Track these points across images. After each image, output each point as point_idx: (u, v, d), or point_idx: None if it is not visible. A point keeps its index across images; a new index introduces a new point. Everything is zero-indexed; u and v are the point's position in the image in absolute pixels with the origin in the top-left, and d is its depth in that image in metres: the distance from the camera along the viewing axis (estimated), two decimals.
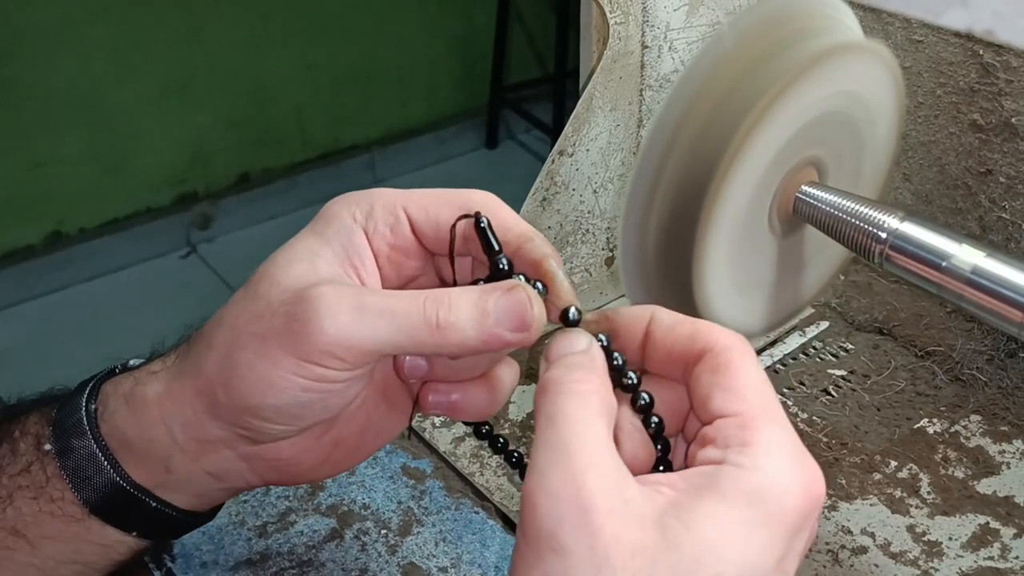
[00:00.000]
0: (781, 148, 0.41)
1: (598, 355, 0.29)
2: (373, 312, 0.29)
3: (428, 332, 0.29)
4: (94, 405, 0.34)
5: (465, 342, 0.29)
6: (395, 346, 0.30)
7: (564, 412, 0.27)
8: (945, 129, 0.57)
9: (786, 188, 0.43)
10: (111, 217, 2.30)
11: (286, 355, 0.30)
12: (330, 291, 0.29)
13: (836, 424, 0.60)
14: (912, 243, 0.38)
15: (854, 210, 0.40)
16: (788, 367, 0.66)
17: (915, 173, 0.62)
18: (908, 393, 0.63)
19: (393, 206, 0.33)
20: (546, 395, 0.28)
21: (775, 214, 0.43)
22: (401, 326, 0.29)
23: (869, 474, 0.56)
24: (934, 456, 0.58)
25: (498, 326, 0.29)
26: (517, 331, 0.29)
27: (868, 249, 0.40)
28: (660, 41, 0.61)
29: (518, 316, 0.29)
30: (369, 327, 0.29)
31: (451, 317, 0.29)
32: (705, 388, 0.28)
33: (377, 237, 0.33)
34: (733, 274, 0.42)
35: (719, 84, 0.39)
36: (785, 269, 0.46)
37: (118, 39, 2.14)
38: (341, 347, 0.29)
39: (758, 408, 0.27)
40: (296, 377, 0.30)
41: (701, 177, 0.39)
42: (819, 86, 0.40)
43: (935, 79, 0.55)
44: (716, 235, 0.40)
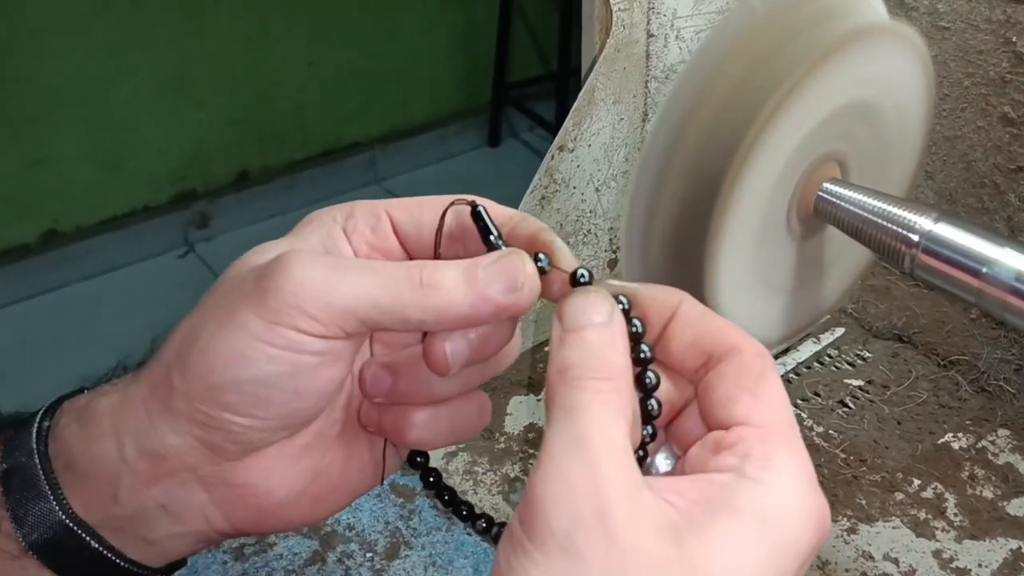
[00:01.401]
0: (801, 141, 0.37)
1: (620, 329, 0.26)
2: (351, 268, 0.27)
3: (411, 290, 0.26)
4: (48, 422, 0.30)
5: (452, 304, 0.27)
6: (374, 305, 0.27)
7: (584, 407, 0.24)
8: (972, 123, 0.53)
9: (806, 186, 0.39)
10: (108, 215, 2.27)
11: (252, 317, 0.26)
12: (305, 252, 0.27)
13: (854, 439, 0.56)
14: (947, 247, 0.35)
15: (882, 210, 0.37)
16: (802, 376, 0.62)
17: (938, 170, 0.58)
18: (930, 405, 0.59)
19: (375, 207, 0.31)
20: (565, 385, 0.25)
21: (794, 214, 0.39)
22: (382, 282, 0.27)
23: (891, 493, 0.53)
24: (960, 474, 0.54)
25: (488, 287, 0.27)
26: (509, 291, 0.27)
27: (897, 253, 0.36)
28: (666, 29, 0.57)
29: (509, 276, 0.27)
30: (346, 282, 0.26)
31: (437, 276, 0.27)
32: (730, 390, 0.26)
33: (356, 236, 0.30)
34: (747, 279, 0.39)
35: (731, 72, 0.35)
36: (804, 274, 0.42)
37: (117, 35, 2.11)
38: (314, 303, 0.26)
39: (784, 426, 0.25)
40: (262, 344, 0.26)
41: (713, 173, 0.35)
42: (843, 73, 0.36)
43: (963, 69, 0.51)
44: (729, 237, 0.36)
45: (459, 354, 0.28)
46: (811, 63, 0.35)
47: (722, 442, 0.25)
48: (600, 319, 0.26)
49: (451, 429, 0.31)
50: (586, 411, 0.24)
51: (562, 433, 0.24)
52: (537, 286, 0.27)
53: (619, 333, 0.26)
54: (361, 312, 0.27)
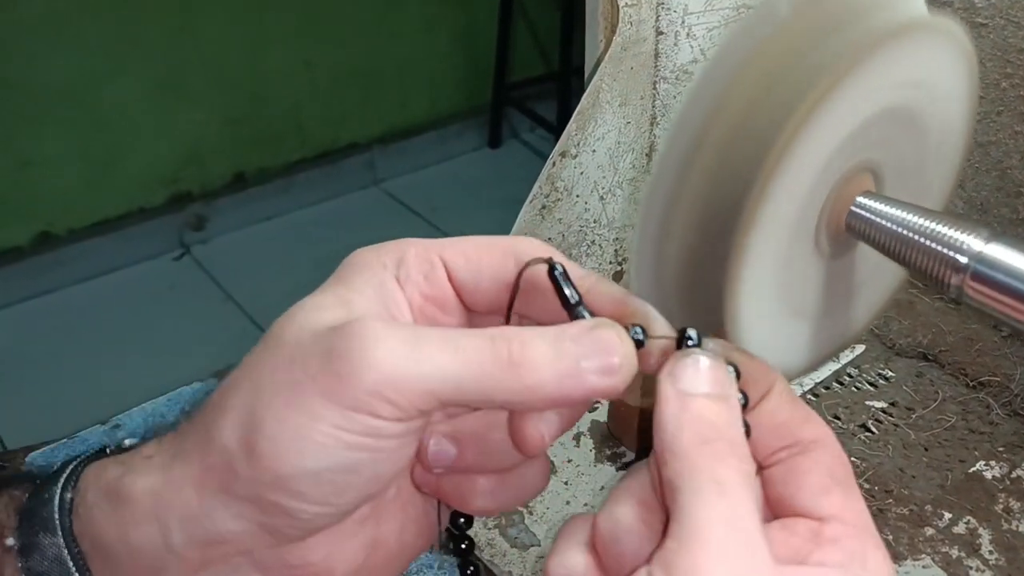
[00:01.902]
0: (834, 152, 0.33)
1: (737, 409, 0.25)
2: (432, 343, 0.25)
3: (499, 368, 0.24)
4: (70, 494, 0.27)
5: (542, 384, 0.25)
6: (457, 386, 0.25)
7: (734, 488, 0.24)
8: (1009, 127, 0.49)
9: (837, 200, 0.35)
10: (102, 217, 2.24)
11: (326, 403, 0.24)
12: (377, 322, 0.25)
13: (878, 467, 0.53)
14: (1002, 270, 0.31)
15: (924, 228, 0.33)
16: (820, 397, 0.58)
17: (969, 178, 0.54)
18: (960, 430, 0.55)
19: (428, 252, 0.29)
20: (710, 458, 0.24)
21: (823, 231, 0.35)
22: (466, 360, 0.24)
23: (920, 528, 0.49)
24: (994, 507, 0.50)
25: (582, 365, 0.25)
26: (605, 373, 0.25)
27: (942, 277, 0.32)
28: (677, 27, 0.53)
29: (604, 353, 0.25)
30: (428, 360, 0.24)
31: (527, 352, 0.25)
32: (823, 480, 0.26)
33: (410, 285, 0.28)
34: (771, 303, 0.35)
35: (754, 76, 0.31)
36: (833, 296, 0.38)
37: (110, 34, 2.07)
38: (394, 386, 0.24)
39: (872, 527, 0.25)
40: (340, 431, 0.24)
41: (735, 189, 0.31)
42: (881, 75, 0.32)
43: (1000, 69, 0.47)
44: (753, 258, 0.32)
45: (553, 434, 0.27)
46: (846, 65, 0.31)
47: (821, 535, 0.25)
48: (720, 391, 0.25)
49: (514, 494, 0.29)
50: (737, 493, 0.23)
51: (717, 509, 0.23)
52: (635, 366, 0.26)
53: (736, 410, 0.26)
54: (444, 394, 0.25)
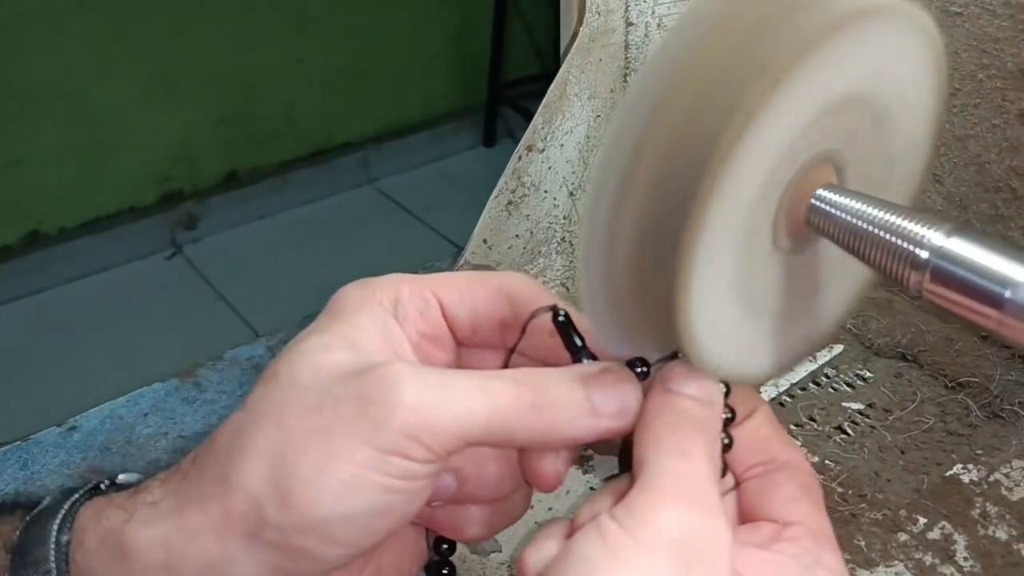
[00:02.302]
0: (791, 141, 0.31)
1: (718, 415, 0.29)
2: (461, 386, 0.26)
3: (523, 412, 0.26)
4: (67, 536, 0.27)
5: (561, 426, 0.27)
6: (486, 430, 0.26)
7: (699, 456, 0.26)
8: (987, 120, 0.48)
9: (796, 192, 0.33)
10: (92, 216, 2.23)
11: (363, 447, 0.25)
12: (406, 366, 0.26)
13: (853, 470, 0.51)
14: (963, 266, 0.29)
15: (884, 221, 0.31)
16: (796, 399, 0.57)
17: (948, 173, 0.52)
18: (937, 432, 0.54)
19: (422, 290, 0.30)
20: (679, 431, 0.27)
21: (782, 225, 0.34)
22: (494, 405, 0.26)
23: (893, 534, 0.47)
24: (971, 511, 0.49)
25: (600, 409, 0.27)
26: (618, 416, 0.27)
27: (902, 274, 0.31)
28: (647, 17, 0.52)
29: (620, 398, 0.28)
30: (460, 404, 0.25)
31: (549, 396, 0.27)
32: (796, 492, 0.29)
33: (408, 324, 0.29)
34: (728, 302, 0.33)
35: (708, 59, 0.30)
36: (796, 294, 0.36)
37: (100, 31, 2.06)
38: (428, 429, 0.25)
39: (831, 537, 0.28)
40: (376, 475, 0.25)
41: (686, 177, 0.30)
42: (841, 61, 0.31)
43: (976, 60, 0.46)
44: (705, 253, 0.30)
45: (566, 470, 0.29)
46: (799, 51, 0.29)
47: (782, 533, 0.27)
48: (709, 398, 0.28)
49: (506, 520, 0.31)
50: (701, 462, 0.26)
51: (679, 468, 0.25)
52: (639, 405, 0.28)
53: (718, 413, 0.28)
54: (472, 436, 0.26)
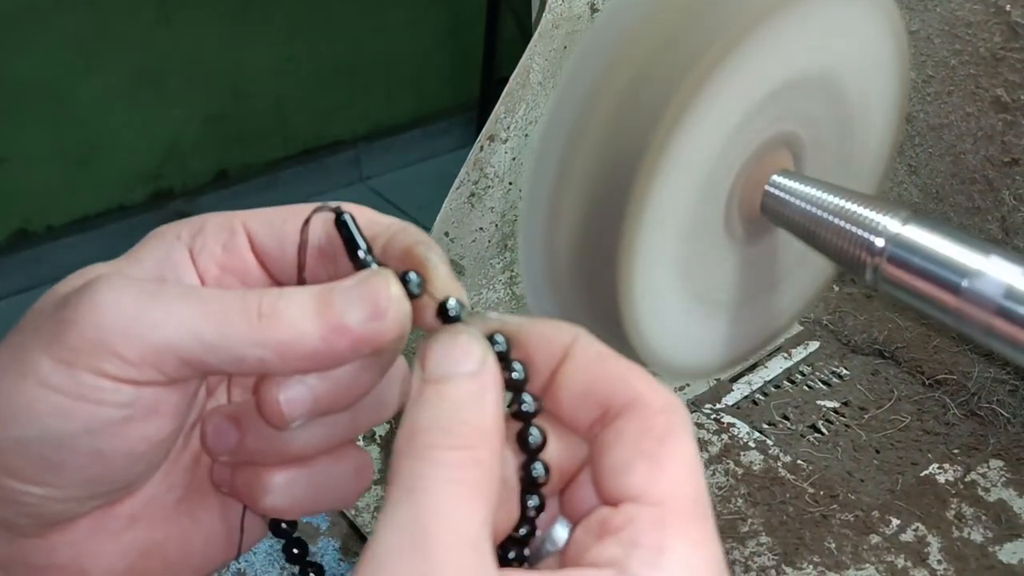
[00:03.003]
0: (740, 122, 0.30)
1: (491, 381, 0.21)
2: (171, 294, 0.22)
3: (247, 322, 0.22)
4: None
5: (299, 338, 0.22)
6: (199, 340, 0.21)
7: (428, 487, 0.19)
8: (961, 109, 0.46)
9: (750, 178, 0.32)
10: (81, 215, 2.21)
11: (42, 358, 0.21)
12: (117, 276, 0.22)
13: (825, 470, 0.49)
14: (919, 254, 0.28)
15: (839, 208, 0.30)
16: (769, 397, 0.55)
17: (923, 164, 0.51)
18: (914, 431, 0.52)
19: (230, 220, 0.26)
20: (410, 456, 0.20)
21: (736, 213, 0.32)
22: (209, 312, 0.21)
23: (865, 536, 0.46)
24: (946, 513, 0.47)
25: (344, 315, 0.22)
26: (370, 319, 0.22)
27: (858, 262, 0.29)
28: None
29: (370, 299, 0.22)
30: (164, 310, 0.21)
31: (281, 304, 0.22)
32: (626, 453, 0.21)
33: (204, 255, 0.25)
34: (676, 295, 0.32)
35: (649, 35, 0.28)
36: (752, 284, 0.35)
37: (86, 28, 2.04)
38: (121, 337, 0.21)
39: (687, 503, 0.20)
40: (50, 392, 0.21)
41: (626, 161, 0.28)
42: (792, 38, 0.29)
43: (949, 46, 0.44)
44: (648, 241, 0.29)
45: (298, 403, 0.23)
46: (750, 22, 0.28)
47: (607, 524, 0.20)
48: (469, 367, 0.21)
49: (318, 494, 0.25)
50: (430, 492, 0.19)
51: (396, 520, 0.19)
52: (404, 313, 0.22)
53: (490, 385, 0.21)
54: (183, 350, 0.21)
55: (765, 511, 0.47)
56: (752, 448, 0.51)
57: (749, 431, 0.52)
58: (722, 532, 0.46)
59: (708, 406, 0.54)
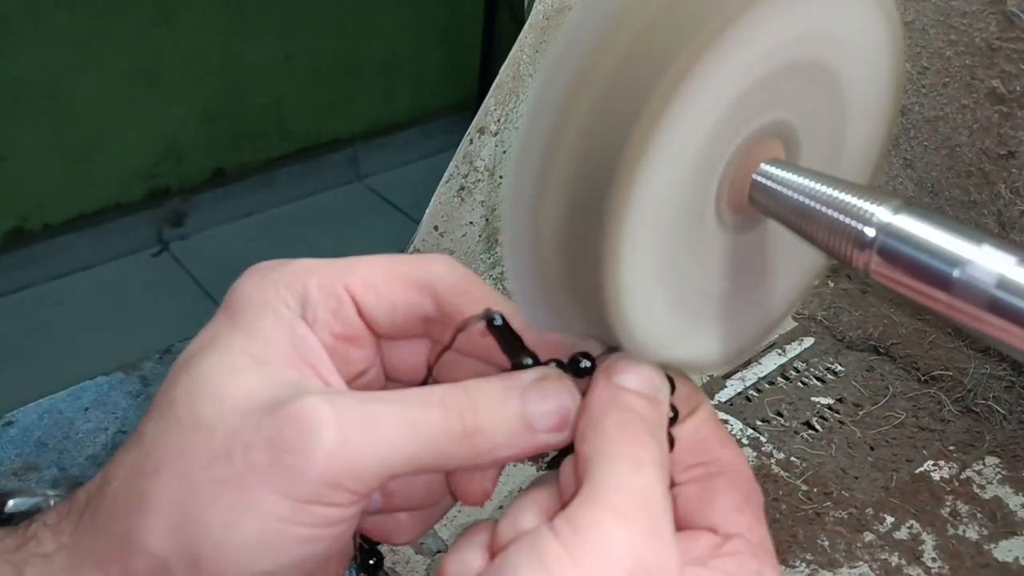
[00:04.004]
0: (729, 109, 0.29)
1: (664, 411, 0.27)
2: (386, 424, 0.23)
3: (454, 442, 0.24)
4: None
5: (495, 449, 0.24)
6: (414, 464, 0.24)
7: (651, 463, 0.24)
8: (956, 100, 0.46)
9: (740, 166, 0.31)
10: (77, 213, 2.21)
11: (279, 500, 0.22)
12: (323, 402, 0.23)
13: (819, 467, 0.49)
14: (910, 244, 0.27)
15: (828, 197, 0.29)
16: (763, 393, 0.54)
17: (919, 158, 0.50)
18: (909, 428, 0.51)
19: (333, 286, 0.26)
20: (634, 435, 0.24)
21: (725, 202, 0.32)
22: (422, 437, 0.23)
23: (858, 534, 0.45)
24: (940, 510, 0.46)
25: (536, 427, 0.25)
26: (557, 431, 0.25)
27: (848, 253, 0.29)
28: None
29: (558, 412, 0.25)
30: (384, 442, 0.23)
31: (480, 421, 0.24)
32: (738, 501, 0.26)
33: (319, 326, 0.26)
34: (664, 285, 0.31)
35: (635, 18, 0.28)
36: (742, 276, 0.34)
37: (83, 26, 2.04)
38: (352, 475, 0.22)
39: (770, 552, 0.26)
40: (297, 527, 0.22)
41: (611, 148, 0.27)
42: (783, 22, 0.29)
43: (944, 36, 0.44)
44: (634, 232, 0.28)
45: (494, 487, 0.27)
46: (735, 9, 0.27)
47: (722, 547, 0.25)
48: (654, 393, 0.26)
49: (434, 521, 0.30)
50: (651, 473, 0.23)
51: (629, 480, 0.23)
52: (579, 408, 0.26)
53: (664, 416, 0.26)
54: (398, 472, 0.23)
55: None
56: (745, 445, 0.50)
57: (742, 428, 0.51)
58: None
59: None
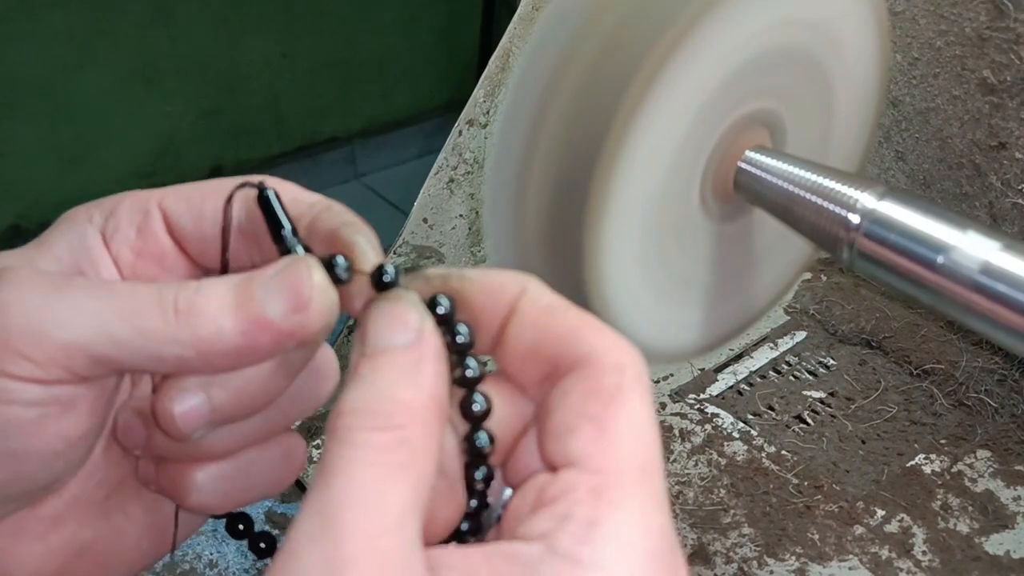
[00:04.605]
0: (712, 96, 0.29)
1: (429, 351, 0.19)
2: (80, 290, 0.20)
3: (162, 319, 0.20)
4: None
5: (218, 334, 0.20)
6: (111, 339, 0.20)
7: (343, 471, 0.18)
8: (947, 92, 0.45)
9: (725, 154, 0.31)
10: None
11: None
12: (23, 271, 0.21)
13: (810, 461, 0.49)
14: (895, 230, 0.27)
15: (814, 184, 0.29)
16: (755, 387, 0.54)
17: (910, 150, 0.50)
18: (900, 421, 0.51)
19: (144, 200, 0.24)
20: (332, 439, 0.18)
21: (710, 190, 0.31)
22: (120, 309, 0.20)
23: (849, 527, 0.45)
24: (931, 503, 0.46)
25: (265, 308, 0.20)
26: (292, 311, 0.20)
27: (833, 239, 0.28)
28: None
29: (292, 290, 0.20)
30: (73, 307, 0.20)
31: (198, 298, 0.20)
32: (570, 415, 0.19)
33: (118, 240, 0.24)
34: (647, 273, 0.31)
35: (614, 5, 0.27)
36: (727, 265, 0.34)
37: (79, 23, 2.04)
38: (27, 338, 0.20)
39: (633, 472, 0.18)
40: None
41: (593, 135, 0.27)
42: (764, 7, 0.29)
43: (934, 26, 0.44)
44: (616, 218, 0.28)
45: (194, 415, 0.21)
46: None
47: (544, 493, 0.19)
48: (405, 338, 0.19)
49: (247, 485, 0.24)
50: (345, 475, 0.18)
51: (311, 505, 0.17)
52: (328, 303, 0.20)
53: (427, 356, 0.19)
54: (93, 349, 0.20)
55: (748, 502, 0.46)
56: (736, 439, 0.50)
57: (733, 421, 0.51)
58: (704, 523, 0.45)
59: (692, 396, 0.53)
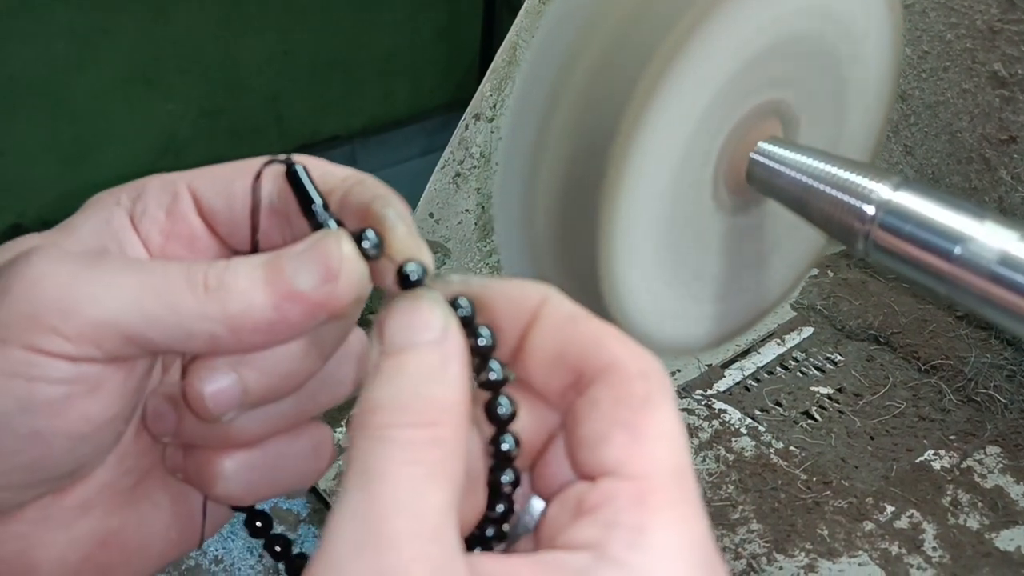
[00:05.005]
0: (724, 87, 0.29)
1: (455, 349, 0.19)
2: (112, 268, 0.20)
3: (192, 295, 0.20)
4: None
5: (249, 309, 0.20)
6: (143, 315, 0.20)
7: (384, 471, 0.17)
8: (957, 85, 0.45)
9: (738, 145, 0.31)
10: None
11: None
12: (54, 248, 0.20)
13: (819, 457, 0.48)
14: (911, 220, 0.27)
15: (828, 175, 0.28)
16: (762, 383, 0.54)
17: (919, 144, 0.50)
18: (909, 417, 0.51)
19: (172, 182, 0.24)
20: (365, 436, 0.18)
21: (722, 181, 0.31)
22: (153, 285, 0.20)
23: (858, 523, 0.45)
24: (941, 499, 0.46)
25: (295, 280, 0.20)
26: (322, 282, 0.20)
27: (848, 231, 0.28)
28: None
29: (321, 262, 0.20)
30: (104, 284, 0.20)
31: (228, 275, 0.20)
32: (602, 423, 0.19)
33: (147, 222, 0.23)
34: (659, 266, 0.30)
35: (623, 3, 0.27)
36: (738, 258, 0.34)
37: (80, 21, 2.02)
38: (57, 312, 0.19)
39: (670, 477, 0.18)
40: (13, 380, 0.19)
41: (604, 127, 0.27)
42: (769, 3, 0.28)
43: (944, 19, 0.43)
44: (628, 210, 0.28)
45: (225, 396, 0.21)
46: None
47: (584, 501, 0.19)
48: (430, 336, 0.19)
49: (274, 477, 0.24)
50: (385, 477, 0.17)
51: (350, 510, 0.17)
52: (358, 275, 0.20)
53: (453, 355, 0.19)
54: (125, 325, 0.20)
55: (756, 498, 0.46)
56: (744, 434, 0.50)
57: (741, 417, 0.51)
58: (712, 519, 0.45)
59: (699, 392, 0.53)
